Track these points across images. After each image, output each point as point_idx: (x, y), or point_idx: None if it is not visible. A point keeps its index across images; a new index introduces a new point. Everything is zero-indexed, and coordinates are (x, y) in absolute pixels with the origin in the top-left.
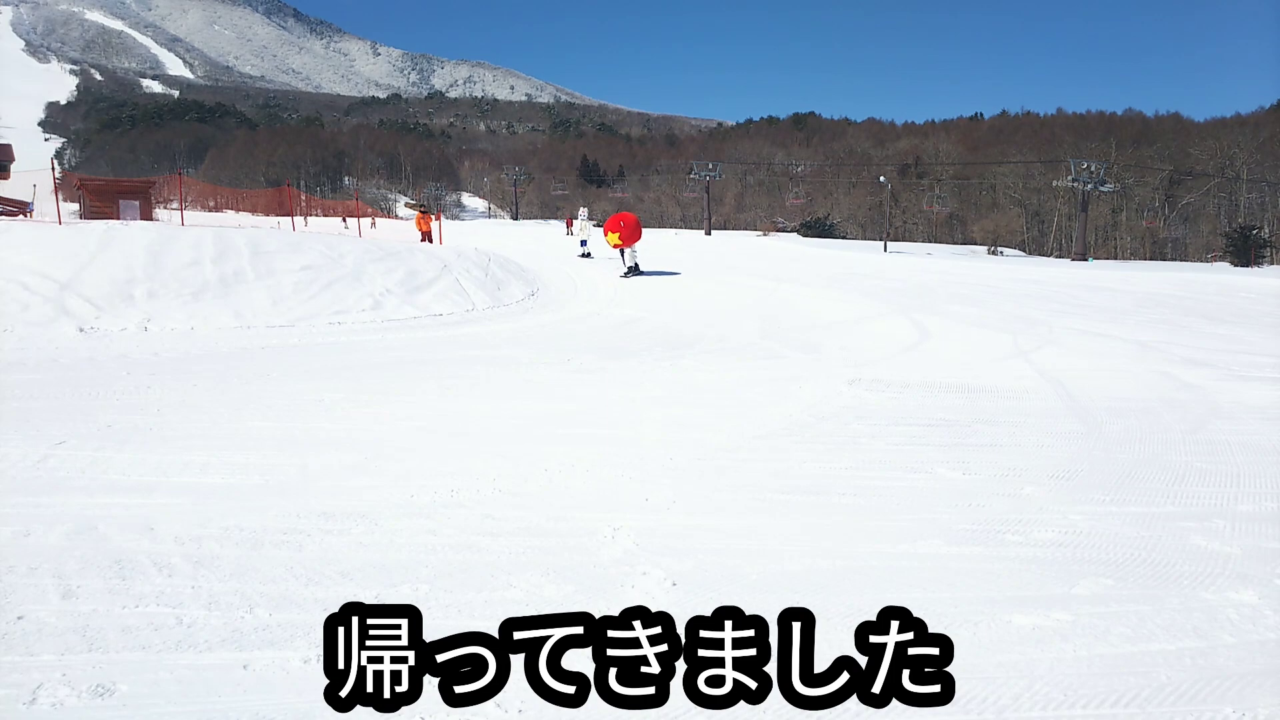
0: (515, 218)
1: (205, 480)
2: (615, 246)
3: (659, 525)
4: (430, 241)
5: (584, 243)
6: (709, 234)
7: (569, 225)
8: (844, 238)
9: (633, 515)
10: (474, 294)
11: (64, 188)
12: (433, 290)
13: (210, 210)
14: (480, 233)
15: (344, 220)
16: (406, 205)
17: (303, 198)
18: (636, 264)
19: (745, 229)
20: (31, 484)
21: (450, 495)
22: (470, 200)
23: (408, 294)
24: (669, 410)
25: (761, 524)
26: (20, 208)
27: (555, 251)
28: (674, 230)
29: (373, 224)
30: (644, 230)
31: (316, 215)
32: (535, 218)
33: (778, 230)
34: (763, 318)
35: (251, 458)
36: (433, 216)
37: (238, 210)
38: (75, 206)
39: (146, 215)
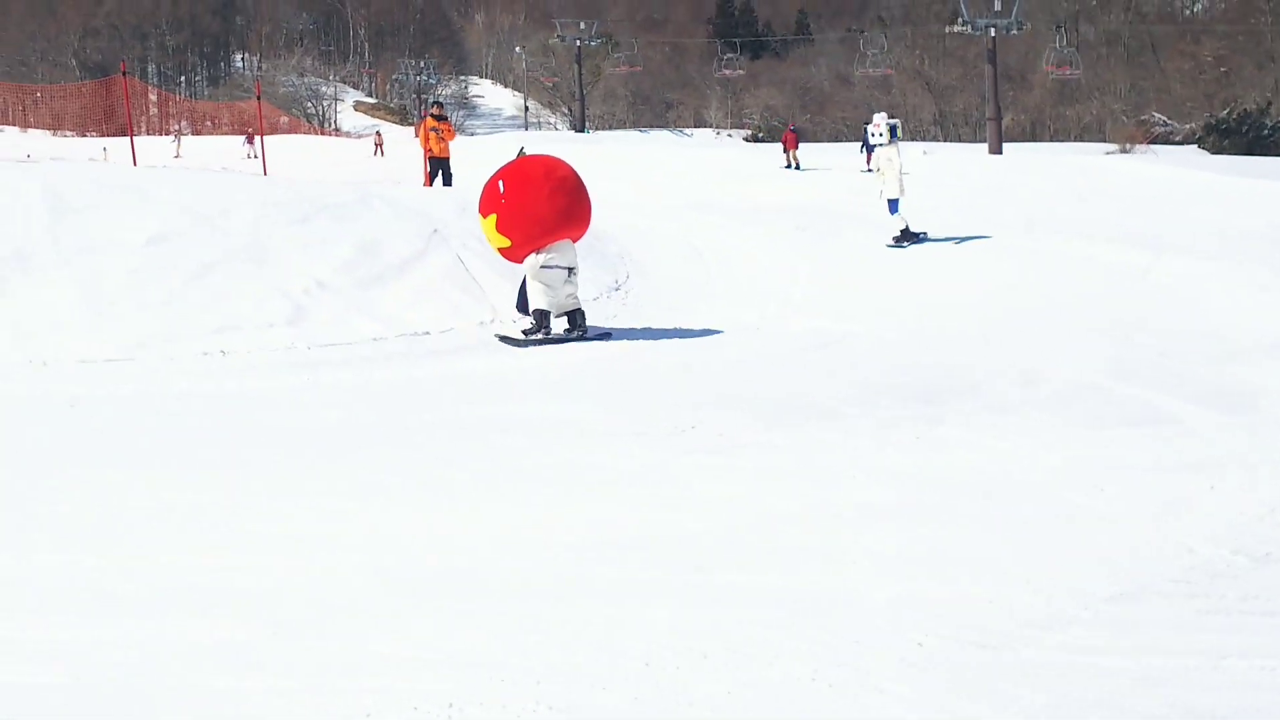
0: (581, 128)
1: None
2: (505, 254)
3: None
4: (446, 179)
5: (894, 203)
6: (997, 151)
7: (790, 146)
8: None
9: None
10: (495, 289)
11: None
12: (410, 281)
13: None
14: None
15: (248, 140)
16: (358, 108)
17: (152, 96)
18: (584, 321)
19: (1080, 139)
20: None
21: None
22: (487, 92)
23: (359, 288)
24: (906, 535)
25: None
26: None
27: (699, 198)
28: (923, 146)
29: (378, 149)
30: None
31: (181, 132)
32: (629, 127)
33: (1153, 140)
34: (1119, 331)
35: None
36: (450, 127)
37: (24, 125)
38: None
39: None
